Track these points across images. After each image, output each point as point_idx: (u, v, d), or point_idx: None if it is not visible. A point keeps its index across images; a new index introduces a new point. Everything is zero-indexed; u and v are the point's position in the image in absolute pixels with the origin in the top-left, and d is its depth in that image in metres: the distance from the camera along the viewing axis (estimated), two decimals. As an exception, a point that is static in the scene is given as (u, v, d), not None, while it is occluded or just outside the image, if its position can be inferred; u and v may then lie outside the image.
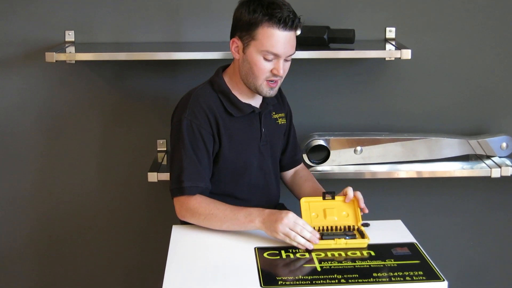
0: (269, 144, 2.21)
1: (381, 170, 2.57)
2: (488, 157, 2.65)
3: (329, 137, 2.57)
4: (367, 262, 1.81)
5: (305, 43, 2.49)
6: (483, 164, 2.61)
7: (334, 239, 1.89)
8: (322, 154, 2.60)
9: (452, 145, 2.62)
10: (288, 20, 2.00)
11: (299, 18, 2.05)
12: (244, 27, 2.04)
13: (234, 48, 2.10)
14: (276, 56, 2.04)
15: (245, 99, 2.16)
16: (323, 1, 2.65)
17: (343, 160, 2.59)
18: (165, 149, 2.71)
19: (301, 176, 2.36)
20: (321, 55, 2.47)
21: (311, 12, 2.58)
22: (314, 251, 1.86)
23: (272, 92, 2.10)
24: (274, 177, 2.26)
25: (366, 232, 1.94)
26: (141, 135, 2.72)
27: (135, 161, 2.73)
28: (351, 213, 2.02)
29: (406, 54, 2.43)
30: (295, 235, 1.88)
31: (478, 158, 2.66)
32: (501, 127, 2.75)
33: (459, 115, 2.75)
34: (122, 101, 2.70)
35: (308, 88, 2.70)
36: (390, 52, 2.47)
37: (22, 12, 2.62)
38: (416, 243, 1.92)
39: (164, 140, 2.70)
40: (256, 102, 2.19)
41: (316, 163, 2.58)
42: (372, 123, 2.74)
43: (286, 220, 1.88)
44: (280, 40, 2.02)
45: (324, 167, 2.58)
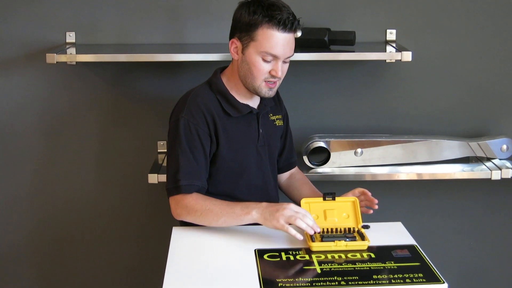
0: (267, 145, 2.21)
1: (382, 172, 2.57)
2: (489, 159, 2.65)
3: (330, 139, 2.57)
4: (367, 264, 1.81)
5: (306, 45, 2.50)
6: (484, 166, 2.61)
7: (334, 241, 1.88)
8: (323, 156, 2.60)
9: (453, 147, 2.61)
10: (288, 22, 2.01)
11: (299, 21, 2.06)
12: (244, 28, 2.05)
13: (233, 49, 2.10)
14: (275, 58, 2.04)
15: (243, 100, 2.16)
16: (324, 3, 2.65)
17: (344, 162, 2.59)
18: (165, 151, 2.71)
19: (298, 179, 2.36)
20: (322, 57, 2.48)
21: (312, 14, 2.59)
22: (314, 253, 1.86)
23: (271, 93, 2.11)
24: (273, 178, 2.26)
25: (366, 234, 1.94)
26: (142, 137, 2.72)
27: (136, 163, 2.73)
28: (352, 215, 2.02)
29: (407, 56, 2.43)
30: (297, 219, 1.88)
31: (479, 160, 2.66)
32: (502, 129, 2.75)
33: (460, 117, 2.75)
34: (123, 102, 2.70)
35: (309, 90, 2.70)
36: (391, 54, 2.47)
37: (23, 14, 2.62)
38: (416, 245, 1.92)
39: (165, 142, 2.70)
40: (254, 103, 2.19)
41: (317, 165, 2.58)
42: (373, 125, 2.74)
43: (288, 208, 1.89)
44: (279, 42, 2.02)
45: (325, 169, 2.58)
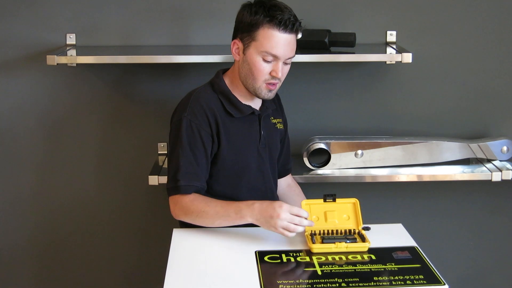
0: (268, 147, 2.22)
1: (382, 174, 2.57)
2: (489, 161, 2.65)
3: (330, 141, 2.57)
4: (368, 266, 1.80)
5: (306, 47, 2.50)
6: (484, 168, 2.61)
7: (335, 243, 1.88)
8: (323, 158, 2.59)
9: (453, 149, 2.61)
10: (289, 23, 2.02)
11: (300, 22, 2.06)
12: (245, 28, 2.05)
13: (235, 50, 2.11)
14: (275, 58, 2.04)
15: (245, 101, 2.16)
16: (324, 5, 2.65)
17: (344, 164, 2.59)
18: (166, 152, 2.71)
19: (294, 190, 2.38)
20: (322, 59, 2.48)
21: (312, 16, 2.59)
22: (315, 255, 1.86)
23: (271, 95, 2.11)
24: (273, 180, 2.26)
25: (367, 236, 1.94)
26: (142, 138, 2.72)
27: (136, 164, 2.73)
28: (352, 216, 2.02)
29: (407, 58, 2.43)
30: (295, 227, 1.89)
31: (479, 162, 2.66)
32: (502, 131, 2.75)
33: (460, 119, 2.75)
34: (123, 104, 2.70)
35: (309, 92, 2.70)
36: (391, 56, 2.47)
37: (24, 15, 2.62)
38: (417, 247, 1.92)
39: (165, 143, 2.70)
40: (256, 105, 2.19)
41: (317, 167, 2.58)
42: (373, 127, 2.74)
43: (283, 215, 1.89)
44: (280, 42, 2.03)
45: (325, 171, 2.58)
